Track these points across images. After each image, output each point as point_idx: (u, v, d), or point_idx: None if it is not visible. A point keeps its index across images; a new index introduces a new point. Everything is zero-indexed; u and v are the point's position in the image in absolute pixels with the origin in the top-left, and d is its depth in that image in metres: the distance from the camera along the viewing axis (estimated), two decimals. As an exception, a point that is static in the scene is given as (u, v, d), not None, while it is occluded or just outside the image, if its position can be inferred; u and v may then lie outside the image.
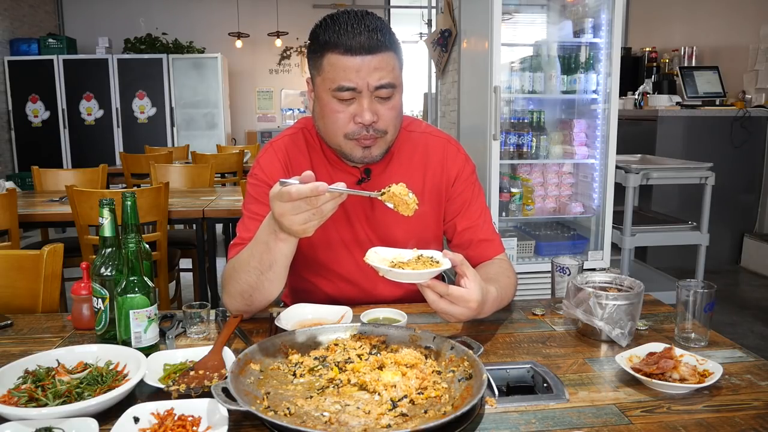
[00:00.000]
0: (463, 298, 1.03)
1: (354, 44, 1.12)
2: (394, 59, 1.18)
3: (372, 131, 1.18)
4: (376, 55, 1.14)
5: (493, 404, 0.90)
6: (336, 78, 1.14)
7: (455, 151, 1.39)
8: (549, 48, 3.19)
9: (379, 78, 1.14)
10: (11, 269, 1.46)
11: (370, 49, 1.13)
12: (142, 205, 2.47)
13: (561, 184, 3.26)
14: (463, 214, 1.38)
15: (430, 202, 1.36)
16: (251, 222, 1.29)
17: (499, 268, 1.32)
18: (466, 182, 1.38)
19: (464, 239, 1.37)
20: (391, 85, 1.16)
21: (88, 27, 7.74)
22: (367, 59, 1.13)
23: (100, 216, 1.12)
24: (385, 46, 1.15)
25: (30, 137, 7.10)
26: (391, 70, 1.16)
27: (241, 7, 8.00)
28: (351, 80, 1.14)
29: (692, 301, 1.11)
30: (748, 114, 4.42)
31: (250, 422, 0.84)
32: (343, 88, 1.14)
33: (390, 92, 1.17)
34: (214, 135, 7.47)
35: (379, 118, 1.17)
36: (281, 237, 1.07)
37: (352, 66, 1.13)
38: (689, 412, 0.88)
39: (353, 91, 1.15)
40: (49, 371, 0.95)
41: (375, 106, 1.17)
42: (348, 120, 1.17)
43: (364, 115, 1.15)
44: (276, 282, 1.16)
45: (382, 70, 1.14)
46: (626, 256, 3.36)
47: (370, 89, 1.15)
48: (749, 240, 4.64)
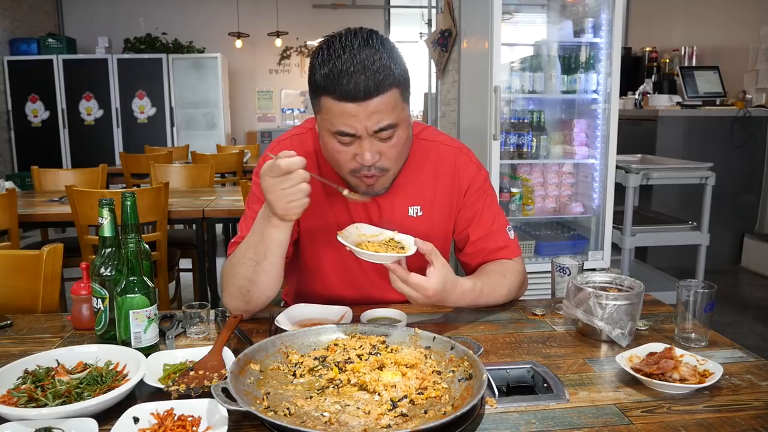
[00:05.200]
0: (420, 286, 1.08)
1: (351, 90, 1.05)
2: (396, 96, 1.10)
3: (374, 169, 1.16)
4: (373, 99, 1.06)
5: (493, 404, 0.90)
6: (334, 122, 1.10)
7: (467, 161, 1.36)
8: (549, 48, 3.19)
9: (377, 121, 1.08)
10: (11, 269, 1.46)
11: (366, 94, 1.05)
12: (142, 205, 2.47)
13: (561, 184, 3.26)
14: (476, 224, 1.36)
15: (440, 213, 1.34)
16: (252, 220, 1.29)
17: (499, 267, 1.32)
18: (478, 192, 1.36)
19: (477, 248, 1.36)
20: (390, 126, 1.10)
21: (87, 27, 7.74)
22: (363, 105, 1.06)
23: (100, 216, 1.12)
24: (384, 86, 1.07)
25: (30, 137, 7.09)
26: (392, 110, 1.09)
27: (241, 7, 8.00)
28: (349, 126, 1.08)
29: (692, 301, 1.11)
30: (748, 114, 4.42)
31: (250, 422, 0.84)
32: (342, 133, 1.10)
33: (391, 132, 1.12)
34: (214, 135, 7.47)
35: (381, 156, 1.14)
36: (274, 223, 1.11)
37: (349, 112, 1.07)
38: (690, 412, 0.88)
39: (352, 135, 1.11)
40: (49, 371, 0.95)
41: (376, 146, 1.12)
42: (350, 158, 1.14)
43: (364, 157, 1.12)
44: (272, 274, 1.17)
45: (380, 113, 1.08)
46: (626, 256, 3.36)
47: (369, 133, 1.10)
48: (749, 240, 4.64)
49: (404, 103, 1.13)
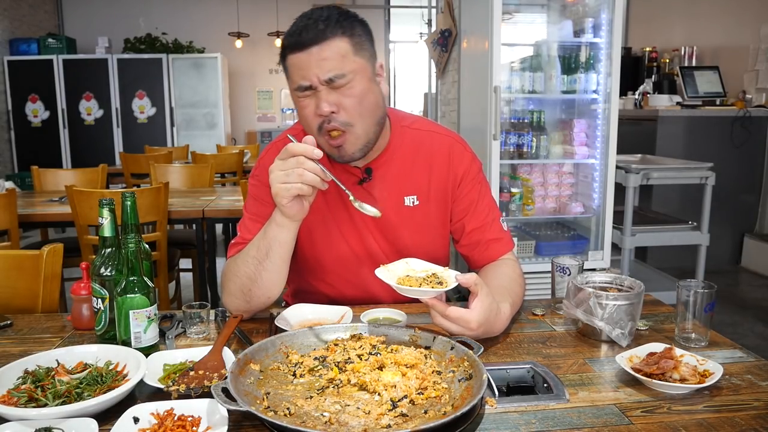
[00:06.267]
0: (462, 319, 1.03)
1: (298, 41, 1.11)
2: (345, 46, 1.12)
3: (336, 123, 1.14)
4: (321, 45, 1.10)
5: (493, 404, 0.90)
6: (294, 78, 1.14)
7: (461, 150, 1.37)
8: (549, 48, 3.19)
9: (327, 70, 1.10)
10: (11, 269, 1.46)
11: (315, 41, 1.10)
12: (142, 205, 2.47)
13: (561, 184, 3.26)
14: (471, 215, 1.36)
15: (436, 201, 1.35)
16: (252, 223, 1.29)
17: (510, 276, 1.29)
18: (474, 181, 1.36)
19: (473, 240, 1.36)
20: (342, 76, 1.11)
21: (87, 27, 7.74)
22: (313, 51, 1.10)
23: (100, 216, 1.12)
24: (329, 32, 1.10)
25: (30, 137, 7.10)
26: (341, 59, 1.11)
27: (241, 6, 8.00)
28: (304, 77, 1.11)
29: (692, 301, 1.11)
30: (748, 114, 4.42)
31: (250, 422, 0.84)
32: (301, 87, 1.13)
33: (344, 82, 1.12)
34: (214, 135, 7.47)
35: (339, 108, 1.13)
36: (277, 220, 1.13)
37: (301, 62, 1.11)
38: (689, 412, 0.88)
39: (309, 89, 1.13)
40: (49, 371, 0.95)
41: (332, 97, 1.12)
42: (313, 115, 1.15)
43: (320, 107, 1.12)
44: (274, 274, 1.17)
45: (329, 60, 1.10)
46: (626, 256, 3.36)
47: (322, 82, 1.11)
48: (749, 240, 4.64)
49: (358, 56, 1.14)
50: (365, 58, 1.16)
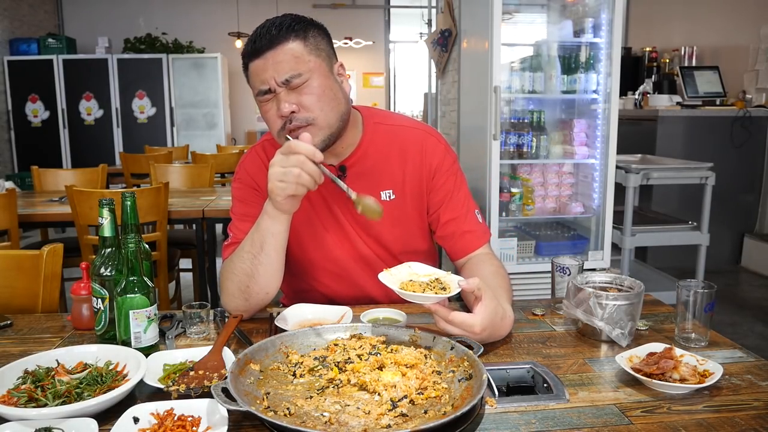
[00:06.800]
0: (466, 323, 1.03)
1: (253, 48, 1.16)
2: (299, 45, 1.16)
3: (298, 122, 1.16)
4: (275, 49, 1.14)
5: (493, 404, 0.90)
6: (254, 84, 1.18)
7: (435, 142, 1.37)
8: (549, 48, 3.19)
9: (283, 71, 1.14)
10: (11, 269, 1.46)
11: (264, 47, 1.14)
12: (142, 205, 2.47)
13: (561, 184, 3.26)
14: (446, 206, 1.36)
15: (411, 194, 1.35)
16: (241, 223, 1.30)
17: (501, 274, 1.28)
18: (448, 173, 1.36)
19: (448, 231, 1.36)
20: (297, 75, 1.14)
21: (87, 27, 7.74)
22: (268, 56, 1.14)
23: (100, 216, 1.12)
24: (281, 37, 1.15)
25: (30, 137, 7.10)
26: (295, 59, 1.15)
27: (241, 7, 8.00)
28: (263, 81, 1.15)
29: (692, 301, 1.11)
30: (748, 114, 4.42)
31: (250, 422, 0.84)
32: (261, 92, 1.17)
33: (301, 81, 1.15)
34: (213, 135, 7.47)
35: (299, 107, 1.16)
36: (269, 212, 1.15)
37: (258, 68, 1.16)
38: (689, 412, 0.88)
39: (269, 92, 1.16)
40: (49, 371, 0.95)
41: (291, 98, 1.15)
42: (276, 116, 1.18)
43: (281, 108, 1.15)
44: (270, 268, 1.18)
45: (284, 62, 1.14)
46: (626, 256, 3.36)
47: (279, 84, 1.15)
48: (749, 240, 4.64)
49: (312, 56, 1.17)
50: (321, 58, 1.19)
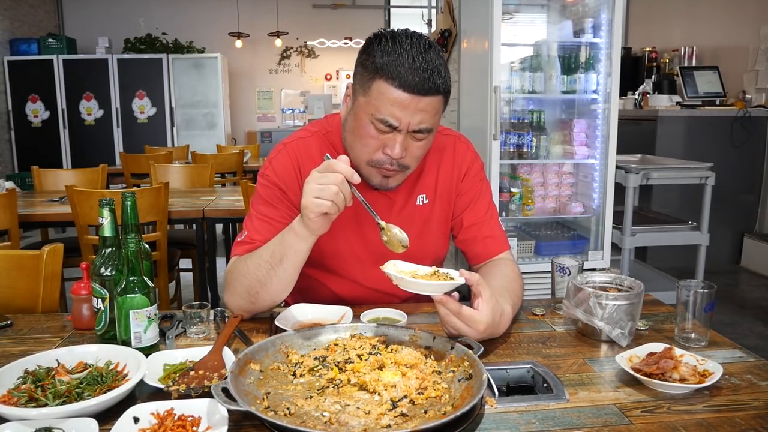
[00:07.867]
0: (472, 319, 1.04)
1: (410, 82, 1.09)
2: (441, 103, 1.16)
3: (396, 165, 1.18)
4: (428, 97, 1.11)
5: (493, 404, 0.90)
6: (381, 109, 1.12)
7: (465, 148, 1.41)
8: (549, 48, 3.19)
9: (419, 121, 1.13)
10: (11, 269, 1.46)
11: (423, 91, 1.10)
12: (142, 205, 2.47)
13: (561, 184, 3.26)
14: (470, 210, 1.39)
15: (441, 198, 1.38)
16: (260, 223, 1.28)
17: (510, 277, 1.29)
18: (475, 179, 1.40)
19: (469, 235, 1.38)
20: (428, 130, 1.16)
21: (87, 27, 7.74)
22: (416, 99, 1.11)
23: (100, 216, 1.12)
24: (438, 89, 1.12)
25: (30, 137, 7.09)
26: (435, 114, 1.15)
27: (241, 7, 8.00)
28: (396, 118, 1.12)
29: (692, 301, 1.11)
30: (748, 114, 4.42)
31: (250, 422, 0.84)
32: (385, 122, 1.13)
33: (425, 135, 1.17)
34: (214, 135, 7.47)
35: (407, 154, 1.17)
36: (296, 230, 1.12)
37: (401, 103, 1.11)
38: (689, 412, 0.88)
39: (392, 127, 1.13)
40: (49, 371, 0.95)
41: (407, 143, 1.16)
42: (377, 148, 1.17)
43: (394, 149, 1.15)
44: (284, 281, 1.17)
45: (426, 113, 1.13)
46: (626, 256, 3.36)
47: (408, 129, 1.14)
48: (749, 240, 4.64)
49: (440, 114, 1.18)
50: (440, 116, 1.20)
